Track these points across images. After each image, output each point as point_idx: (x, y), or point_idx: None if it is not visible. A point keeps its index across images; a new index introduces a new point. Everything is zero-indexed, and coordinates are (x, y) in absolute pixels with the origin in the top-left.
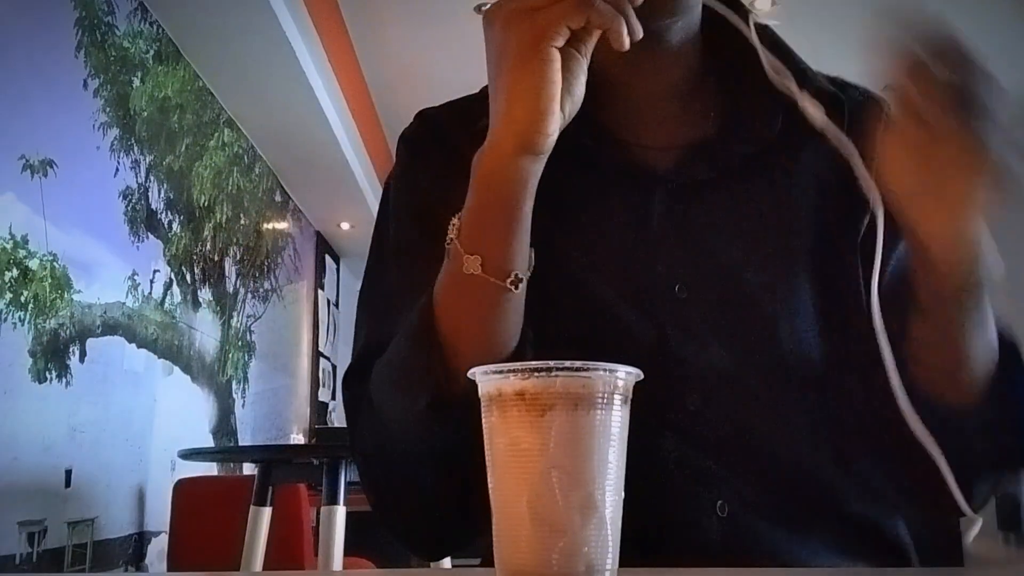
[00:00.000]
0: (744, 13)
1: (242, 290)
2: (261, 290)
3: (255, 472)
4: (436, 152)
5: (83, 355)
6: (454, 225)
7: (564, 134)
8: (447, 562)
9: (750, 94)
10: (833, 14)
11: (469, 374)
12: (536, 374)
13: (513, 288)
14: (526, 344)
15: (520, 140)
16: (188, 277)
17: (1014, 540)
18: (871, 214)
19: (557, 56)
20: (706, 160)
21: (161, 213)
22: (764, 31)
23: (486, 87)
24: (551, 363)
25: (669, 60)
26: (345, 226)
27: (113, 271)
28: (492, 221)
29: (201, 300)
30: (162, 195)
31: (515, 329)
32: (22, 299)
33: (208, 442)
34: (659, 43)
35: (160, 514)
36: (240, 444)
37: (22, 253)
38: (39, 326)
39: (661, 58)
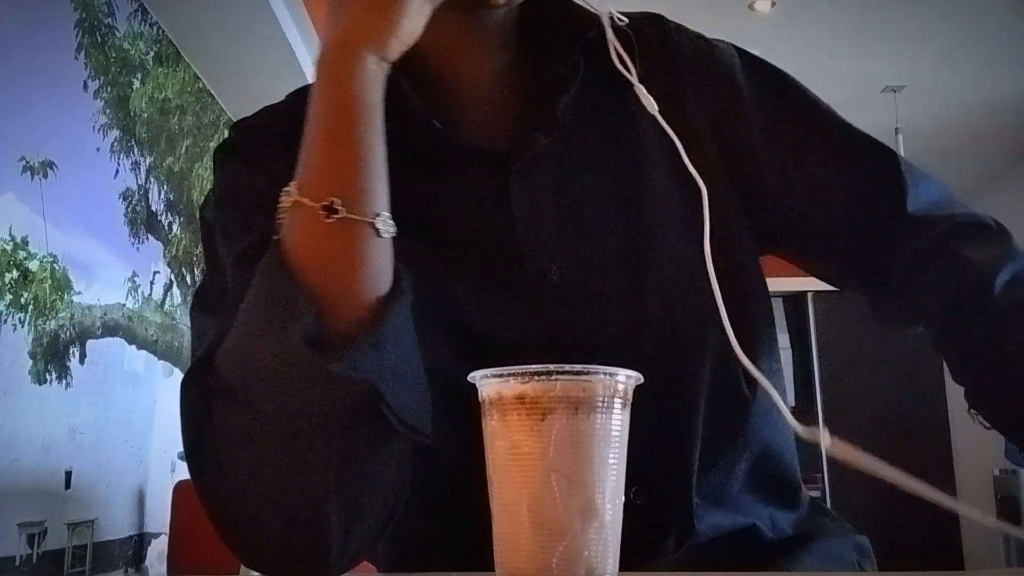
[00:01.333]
0: None
1: None
2: None
3: None
4: (266, 159)
5: (83, 356)
6: (289, 192)
7: (408, 127)
8: None
9: (557, 53)
10: (829, 15)
11: (469, 378)
12: (536, 378)
13: (378, 231)
14: (400, 283)
15: (375, 37)
16: (188, 279)
17: (1014, 543)
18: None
19: None
20: (538, 126)
21: (161, 215)
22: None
23: (293, 93)
24: (551, 367)
25: (491, 42)
26: None
27: (113, 273)
28: (343, 148)
29: None
30: (162, 197)
31: (386, 272)
32: (22, 300)
33: None
34: (484, 27)
35: (160, 516)
36: None
37: (22, 254)
38: (39, 327)
39: (485, 42)
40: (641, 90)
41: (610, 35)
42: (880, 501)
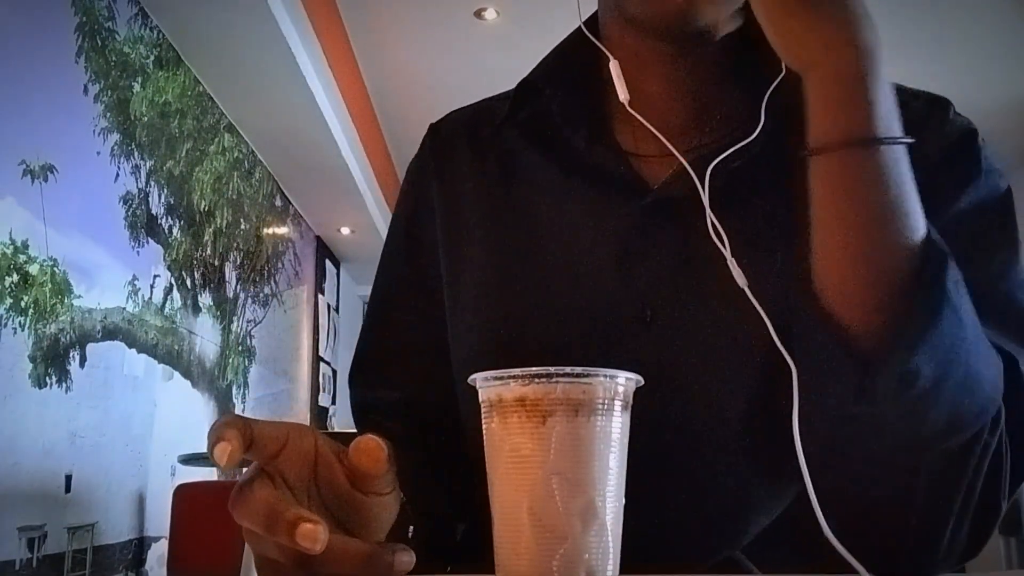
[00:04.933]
0: None
1: (242, 295)
2: (261, 295)
3: None
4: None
5: (83, 360)
6: None
7: (558, 131)
8: None
9: (737, 100)
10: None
11: (469, 380)
12: (537, 380)
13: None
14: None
15: None
16: (188, 282)
17: (1015, 545)
18: None
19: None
20: (703, 173)
21: (161, 218)
22: None
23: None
24: (551, 369)
25: (685, 66)
26: (345, 231)
27: (113, 276)
28: None
29: (201, 305)
30: (162, 200)
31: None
32: (22, 304)
33: None
34: (688, 49)
35: (160, 519)
36: None
37: (22, 258)
38: (39, 331)
39: (686, 64)
40: (732, 263)
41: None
42: None
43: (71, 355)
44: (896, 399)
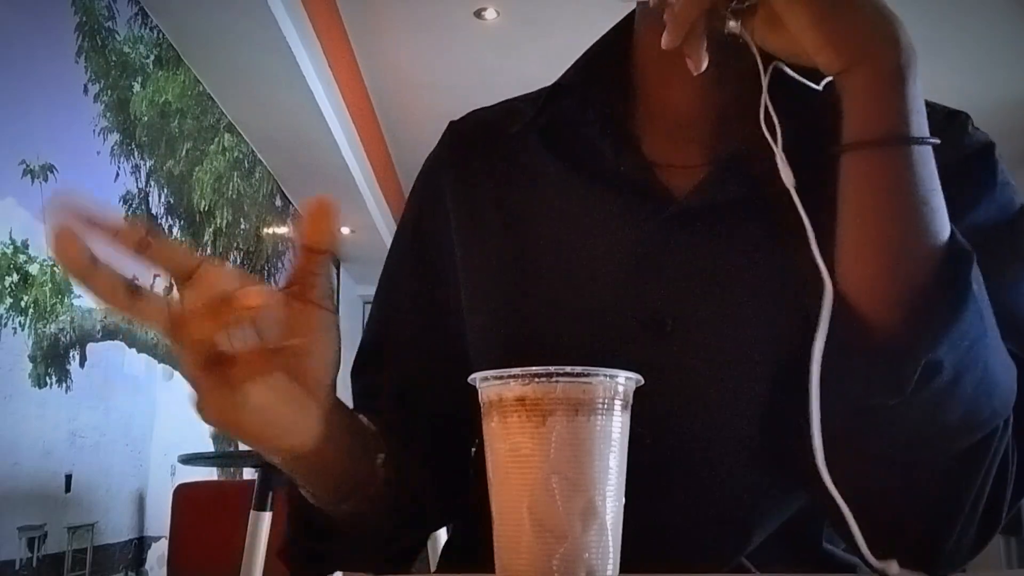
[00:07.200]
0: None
1: None
2: None
3: (255, 477)
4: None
5: (83, 360)
6: None
7: (584, 137)
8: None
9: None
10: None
11: (469, 380)
12: (537, 380)
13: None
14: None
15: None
16: None
17: (1015, 545)
18: None
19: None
20: (728, 184)
21: (161, 218)
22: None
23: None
24: (551, 368)
25: (714, 76)
26: (345, 231)
27: None
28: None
29: None
30: (162, 200)
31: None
32: (22, 304)
33: (208, 447)
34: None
35: (160, 519)
36: (241, 449)
37: (22, 258)
38: (39, 331)
39: (714, 73)
40: (782, 159)
41: (765, 94)
42: None
43: (71, 355)
44: (918, 391)
